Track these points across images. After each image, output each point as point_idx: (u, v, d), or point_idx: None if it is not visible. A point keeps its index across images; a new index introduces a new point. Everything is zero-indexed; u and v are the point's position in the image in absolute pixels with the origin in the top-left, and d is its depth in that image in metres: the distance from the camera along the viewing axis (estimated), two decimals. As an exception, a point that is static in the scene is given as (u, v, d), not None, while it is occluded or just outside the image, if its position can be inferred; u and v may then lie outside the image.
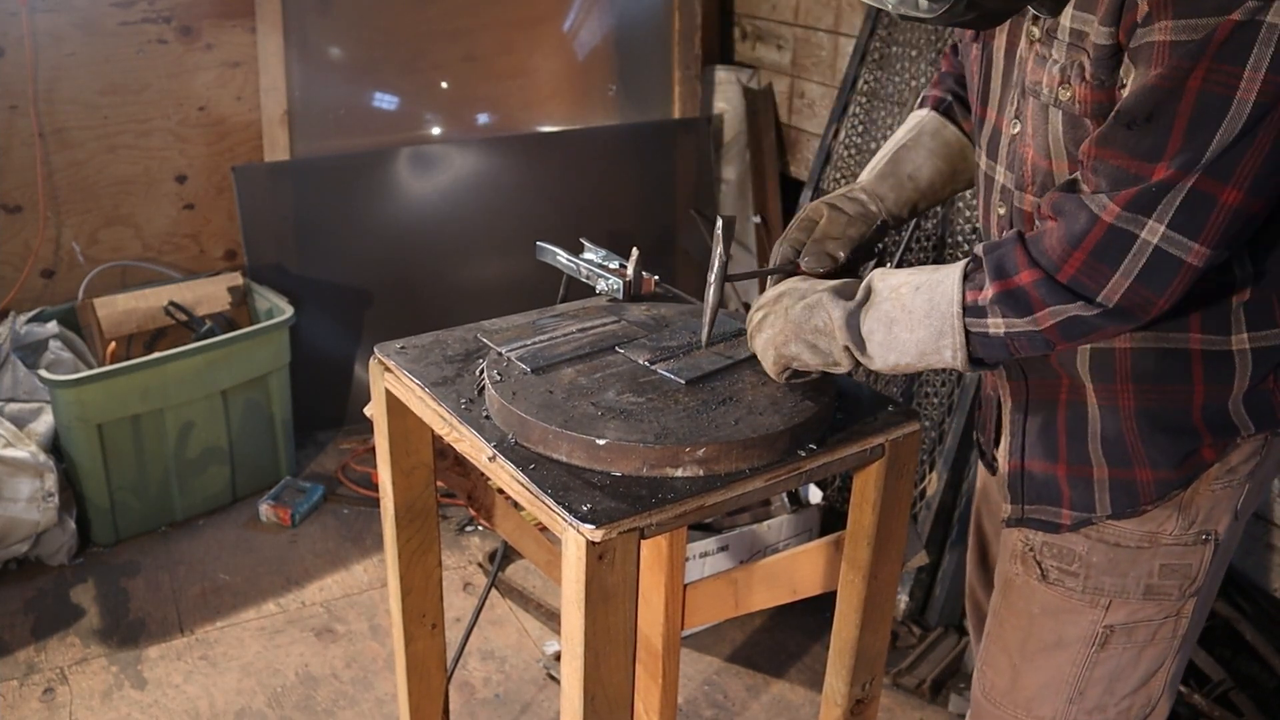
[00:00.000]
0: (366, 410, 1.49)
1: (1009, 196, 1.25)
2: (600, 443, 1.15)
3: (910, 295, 1.15)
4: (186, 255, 3.42)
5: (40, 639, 2.49)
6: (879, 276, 1.20)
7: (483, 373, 1.34)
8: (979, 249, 1.14)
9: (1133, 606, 1.29)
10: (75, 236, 3.23)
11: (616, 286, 1.54)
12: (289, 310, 3.02)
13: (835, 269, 1.35)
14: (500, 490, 1.30)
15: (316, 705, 2.33)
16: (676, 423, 1.19)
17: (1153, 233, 1.02)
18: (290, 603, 2.66)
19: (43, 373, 2.66)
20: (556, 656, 2.47)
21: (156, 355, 2.76)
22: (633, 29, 3.72)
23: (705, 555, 2.45)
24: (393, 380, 1.39)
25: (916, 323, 1.15)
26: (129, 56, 3.15)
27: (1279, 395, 1.22)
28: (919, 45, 2.98)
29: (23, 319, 2.96)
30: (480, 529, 2.94)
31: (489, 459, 1.20)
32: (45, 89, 3.06)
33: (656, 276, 1.57)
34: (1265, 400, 1.21)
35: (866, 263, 1.41)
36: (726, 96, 3.84)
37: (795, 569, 1.56)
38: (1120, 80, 1.06)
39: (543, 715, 2.32)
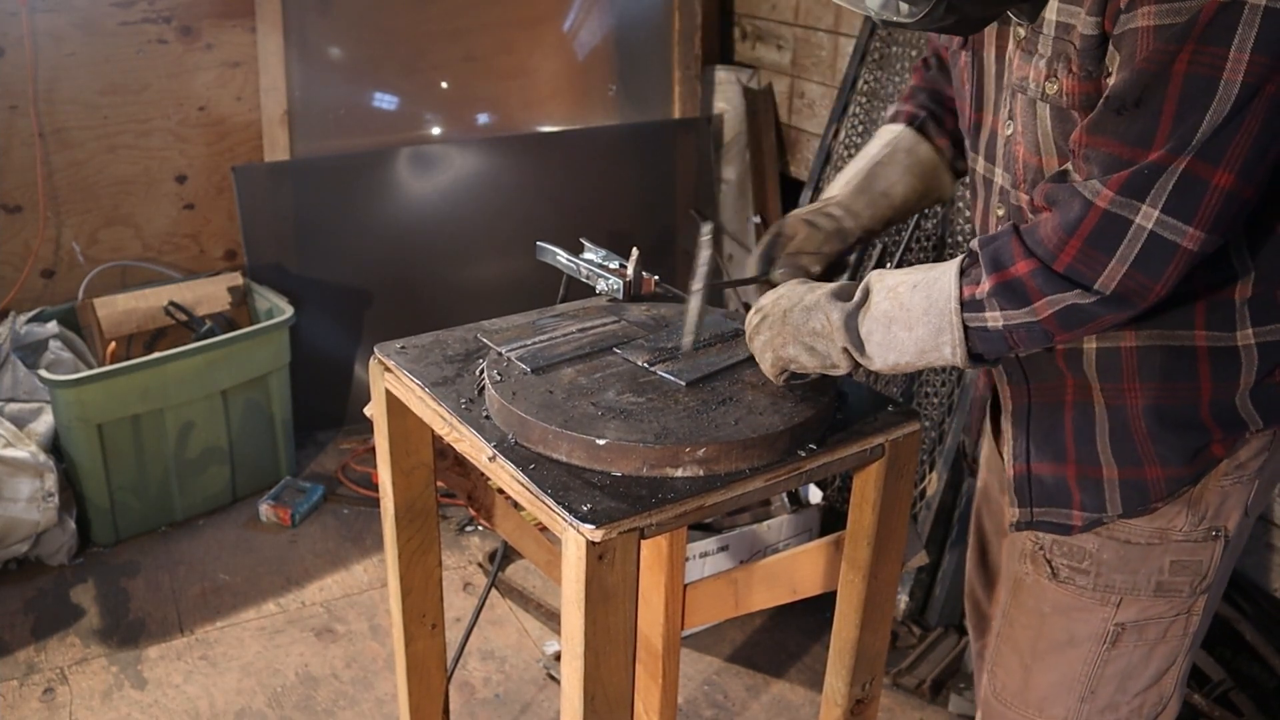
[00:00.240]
0: (366, 410, 1.49)
1: (1007, 196, 1.25)
2: (600, 443, 1.15)
3: (908, 294, 1.15)
4: (186, 255, 3.42)
5: (40, 639, 2.49)
6: (876, 277, 1.20)
7: (483, 373, 1.34)
8: (975, 244, 1.14)
9: (1144, 604, 1.29)
10: (75, 236, 3.23)
11: (616, 286, 1.54)
12: (289, 310, 3.02)
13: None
14: (500, 490, 1.30)
15: (316, 705, 2.33)
16: (676, 423, 1.19)
17: (1147, 218, 1.02)
18: (290, 603, 2.66)
19: (43, 373, 2.66)
20: (556, 656, 2.47)
21: (156, 355, 2.76)
22: (633, 29, 3.72)
23: (705, 555, 2.45)
24: (393, 380, 1.39)
25: (915, 321, 1.15)
26: (129, 56, 3.15)
27: None
28: (919, 45, 2.98)
29: (23, 319, 2.96)
30: (480, 529, 2.94)
31: (489, 459, 1.20)
32: (45, 89, 3.06)
33: (656, 276, 1.57)
34: (1273, 395, 1.21)
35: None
36: (726, 96, 3.84)
37: (795, 569, 1.56)
38: (1106, 69, 1.06)
39: (543, 715, 2.32)
